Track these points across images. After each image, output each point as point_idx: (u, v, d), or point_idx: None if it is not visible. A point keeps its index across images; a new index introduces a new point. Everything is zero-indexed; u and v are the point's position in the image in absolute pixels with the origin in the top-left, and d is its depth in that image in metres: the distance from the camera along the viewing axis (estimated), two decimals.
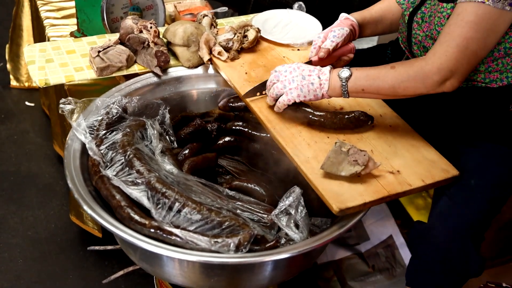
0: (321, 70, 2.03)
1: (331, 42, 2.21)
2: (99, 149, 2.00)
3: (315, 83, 2.01)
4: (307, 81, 2.01)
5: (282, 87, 2.04)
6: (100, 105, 2.17)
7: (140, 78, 2.41)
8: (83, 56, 2.48)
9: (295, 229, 1.84)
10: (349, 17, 2.30)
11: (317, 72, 2.02)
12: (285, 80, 2.04)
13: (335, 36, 2.21)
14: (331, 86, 2.00)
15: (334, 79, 1.99)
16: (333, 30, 2.23)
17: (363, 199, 1.84)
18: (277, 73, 2.08)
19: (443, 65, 1.87)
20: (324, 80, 2.00)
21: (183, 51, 2.47)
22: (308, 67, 2.05)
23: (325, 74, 2.01)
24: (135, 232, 1.79)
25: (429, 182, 1.94)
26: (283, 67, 2.08)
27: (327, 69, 2.02)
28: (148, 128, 2.12)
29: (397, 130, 2.14)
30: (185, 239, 1.75)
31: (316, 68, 2.04)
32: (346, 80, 1.97)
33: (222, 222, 1.80)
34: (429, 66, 1.89)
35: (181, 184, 1.93)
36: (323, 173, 1.92)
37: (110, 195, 1.89)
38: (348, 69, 1.98)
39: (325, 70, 2.02)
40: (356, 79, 1.97)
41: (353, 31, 2.27)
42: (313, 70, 2.03)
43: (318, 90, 2.01)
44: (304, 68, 2.05)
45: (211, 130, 2.41)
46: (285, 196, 1.87)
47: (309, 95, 2.02)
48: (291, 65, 2.07)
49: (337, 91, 2.00)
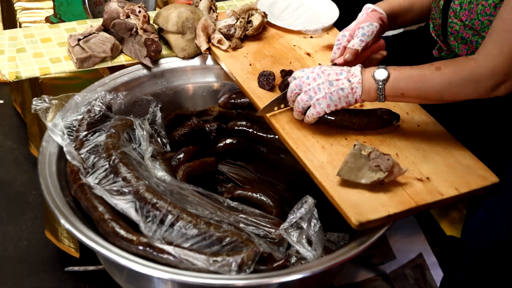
0: (350, 71, 2.00)
1: (359, 42, 2.15)
2: (79, 153, 2.01)
3: (346, 88, 1.98)
4: (335, 87, 1.98)
5: (307, 98, 2.01)
6: (81, 102, 2.19)
7: (127, 70, 2.42)
8: (60, 45, 2.49)
9: (307, 246, 1.85)
10: (376, 8, 2.25)
11: (345, 74, 1.99)
12: (310, 89, 2.01)
13: (364, 34, 2.16)
14: (365, 89, 1.97)
15: (368, 81, 1.97)
16: (361, 27, 2.17)
17: (387, 211, 1.85)
18: (298, 81, 2.04)
19: (497, 68, 1.85)
20: (356, 83, 1.97)
21: (177, 39, 2.49)
22: (334, 70, 2.02)
23: (356, 76, 1.98)
24: (120, 249, 1.80)
25: (464, 190, 1.94)
26: (303, 73, 2.04)
27: (357, 69, 1.99)
28: (136, 128, 2.13)
29: (427, 130, 2.15)
30: (179, 258, 1.76)
31: (344, 70, 2.01)
32: (383, 83, 1.95)
33: (223, 238, 1.80)
34: (482, 69, 1.87)
35: (175, 194, 1.94)
36: (340, 180, 1.93)
37: (92, 207, 1.90)
38: (385, 69, 1.95)
39: (355, 71, 1.99)
40: (395, 81, 1.95)
41: (382, 26, 2.23)
42: (340, 73, 2.00)
43: (351, 96, 1.99)
44: (330, 71, 2.01)
45: (209, 130, 2.42)
46: (295, 208, 1.88)
47: (340, 103, 2.00)
48: (313, 69, 2.03)
49: (372, 95, 1.98)
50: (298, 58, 2.46)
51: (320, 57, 2.47)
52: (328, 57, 2.45)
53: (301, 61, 2.44)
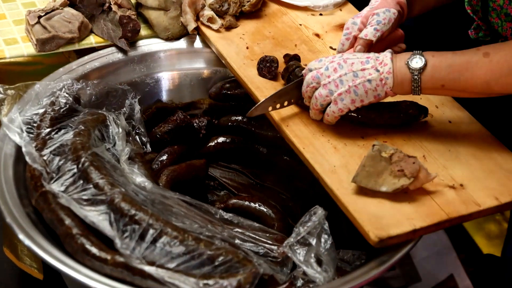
0: (379, 58, 1.99)
1: (374, 31, 2.12)
2: (41, 155, 2.01)
3: (374, 79, 1.97)
4: (361, 78, 1.98)
5: (327, 93, 2.01)
6: (42, 92, 2.19)
7: (98, 54, 2.43)
8: (16, 24, 2.49)
9: (316, 267, 1.86)
10: None
11: (373, 62, 1.99)
12: (330, 82, 2.00)
13: (380, 22, 2.13)
14: (397, 80, 1.97)
15: (401, 71, 1.96)
16: (376, 13, 2.15)
17: (412, 225, 1.86)
18: (315, 73, 2.03)
19: None
20: (386, 73, 1.97)
21: (158, 17, 2.49)
22: (359, 58, 2.00)
23: (386, 65, 1.97)
24: (92, 271, 1.80)
25: (506, 200, 1.95)
26: (321, 63, 2.03)
27: (387, 56, 1.99)
28: (110, 124, 2.14)
29: (460, 127, 2.16)
30: (162, 281, 1.76)
31: (371, 57, 2.00)
32: (419, 72, 1.95)
33: (215, 257, 1.81)
34: None
35: (157, 204, 1.94)
36: (356, 187, 1.94)
37: (57, 220, 1.90)
38: (421, 55, 1.95)
39: (384, 59, 1.98)
40: (434, 70, 1.94)
41: (401, 13, 2.21)
42: (366, 61, 1.99)
43: (380, 89, 1.98)
44: (353, 60, 2.00)
45: (198, 127, 2.42)
46: (303, 220, 1.88)
47: (367, 97, 2.00)
48: (332, 58, 2.03)
49: (406, 88, 1.98)
50: (304, 40, 2.47)
51: (331, 39, 2.48)
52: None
53: (308, 44, 2.45)
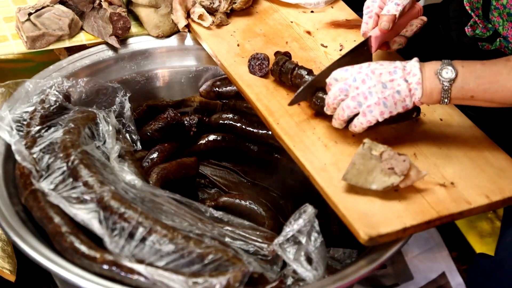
0: (406, 68, 1.97)
1: (395, 6, 2.10)
2: (31, 153, 2.01)
3: (403, 90, 1.95)
4: (390, 89, 1.95)
5: (355, 105, 1.98)
6: (32, 90, 2.19)
7: (88, 52, 2.42)
8: (7, 21, 2.49)
9: (306, 265, 1.86)
10: None
11: (401, 73, 1.96)
12: (359, 94, 1.97)
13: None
14: (426, 91, 1.95)
15: (431, 81, 1.94)
16: None
17: (403, 223, 1.86)
18: (342, 85, 1.99)
19: None
20: (415, 83, 1.94)
21: (149, 14, 2.49)
22: (386, 67, 1.98)
23: (415, 75, 1.95)
24: (81, 269, 1.80)
25: (497, 198, 1.95)
26: (347, 73, 2.00)
27: (415, 66, 1.96)
28: (100, 122, 2.14)
29: (451, 125, 2.16)
30: (152, 279, 1.76)
31: (399, 66, 1.97)
32: (449, 83, 1.93)
33: (204, 255, 1.81)
34: None
35: (147, 202, 1.94)
36: (346, 185, 1.94)
37: (46, 218, 1.90)
38: (451, 66, 1.93)
39: (413, 69, 1.96)
40: (465, 82, 1.92)
41: None
42: (394, 71, 1.97)
43: (408, 100, 1.96)
44: (381, 70, 1.97)
45: (189, 125, 2.42)
46: (292, 218, 1.88)
47: (396, 108, 1.97)
48: (359, 69, 1.99)
49: (434, 98, 1.96)
50: (295, 37, 2.47)
51: (322, 36, 2.48)
52: (333, 36, 2.46)
53: (299, 41, 2.45)
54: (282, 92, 2.22)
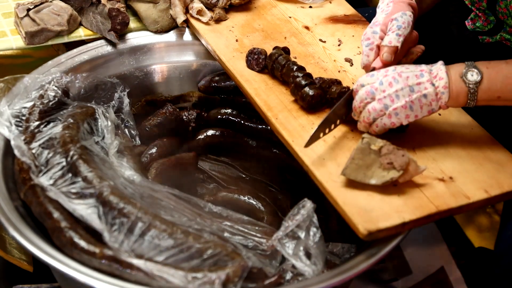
0: (432, 71, 1.96)
1: (397, 37, 2.07)
2: (30, 148, 2.01)
3: (430, 94, 1.94)
4: (417, 93, 1.94)
5: (382, 107, 1.97)
6: (31, 85, 2.19)
7: (87, 47, 2.42)
8: (5, 16, 2.49)
9: (305, 260, 1.86)
10: None
11: (427, 76, 1.95)
12: (386, 97, 1.96)
13: (400, 26, 2.09)
14: (453, 94, 1.94)
15: (457, 85, 1.94)
16: (395, 19, 2.11)
17: (402, 218, 1.86)
18: (369, 89, 1.98)
19: None
20: (442, 87, 1.94)
21: (148, 10, 2.49)
22: (413, 70, 1.97)
23: (441, 79, 1.94)
24: (80, 264, 1.80)
25: (496, 193, 1.96)
26: (373, 78, 1.99)
27: (441, 69, 1.95)
28: (99, 117, 2.14)
29: (450, 120, 2.16)
30: (151, 274, 1.77)
31: (425, 69, 1.96)
32: (476, 86, 1.92)
33: (204, 250, 1.81)
34: None
35: (146, 197, 1.94)
36: (345, 180, 1.94)
37: (45, 213, 1.90)
38: (476, 68, 1.93)
39: (439, 72, 1.95)
40: (491, 83, 1.92)
41: (414, 14, 2.16)
42: (421, 75, 1.96)
43: (434, 104, 1.95)
44: (408, 73, 1.96)
45: (188, 120, 2.42)
46: (291, 213, 1.89)
47: (422, 112, 1.97)
48: (385, 72, 1.98)
49: (461, 101, 1.95)
50: (294, 32, 2.47)
51: (320, 31, 2.48)
52: (331, 31, 2.46)
53: (298, 36, 2.45)
54: (280, 87, 2.22)
